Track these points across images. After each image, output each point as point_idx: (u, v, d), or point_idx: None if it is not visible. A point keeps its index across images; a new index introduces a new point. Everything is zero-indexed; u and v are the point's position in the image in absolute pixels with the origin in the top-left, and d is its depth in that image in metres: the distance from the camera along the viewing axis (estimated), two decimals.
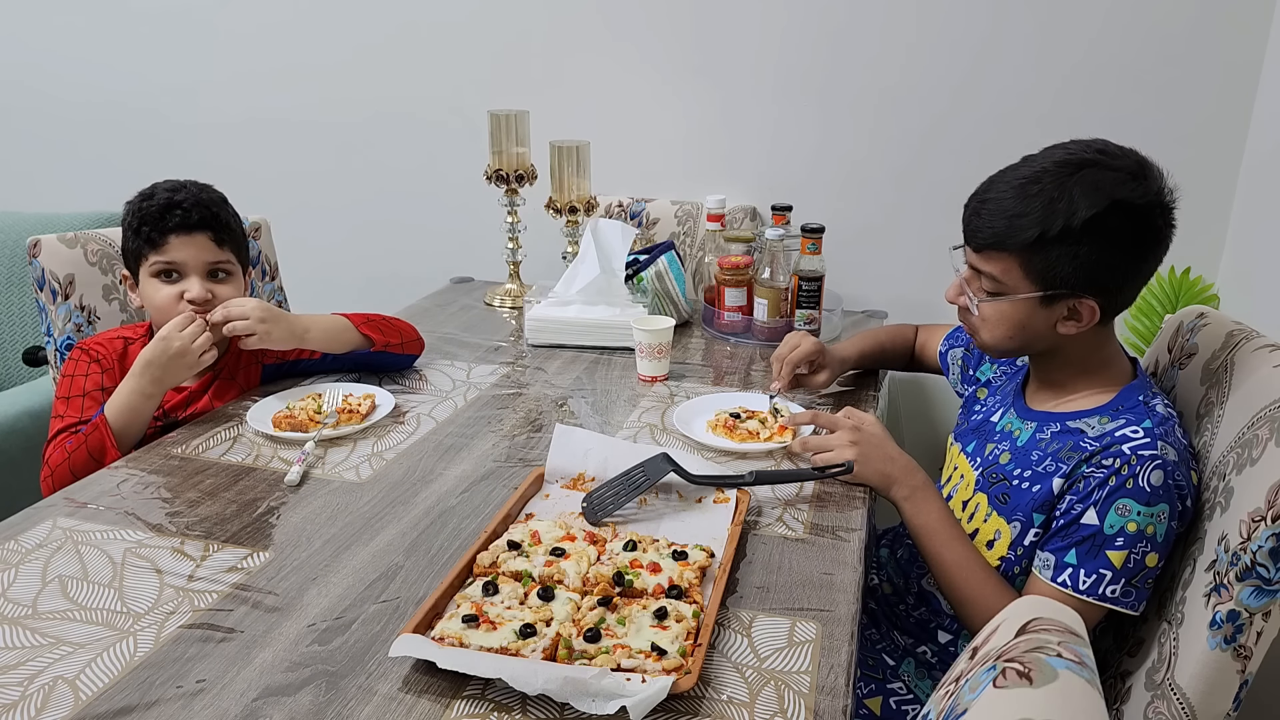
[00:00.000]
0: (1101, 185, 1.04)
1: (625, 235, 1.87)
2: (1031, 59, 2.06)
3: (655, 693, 0.80)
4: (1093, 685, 0.60)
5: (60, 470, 1.33)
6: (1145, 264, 1.10)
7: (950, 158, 2.14)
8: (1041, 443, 1.16)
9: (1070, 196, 1.04)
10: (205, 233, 1.42)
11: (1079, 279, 1.07)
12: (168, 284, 1.42)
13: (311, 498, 1.20)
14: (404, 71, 2.46)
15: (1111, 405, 1.12)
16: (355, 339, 1.54)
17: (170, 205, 1.40)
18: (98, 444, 1.33)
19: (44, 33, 2.68)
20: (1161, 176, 1.08)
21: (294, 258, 2.16)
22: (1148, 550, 1.03)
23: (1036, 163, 1.09)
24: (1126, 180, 1.05)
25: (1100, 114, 2.05)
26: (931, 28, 2.09)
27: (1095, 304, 1.09)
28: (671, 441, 1.37)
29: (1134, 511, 1.03)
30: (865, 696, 1.25)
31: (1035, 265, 1.08)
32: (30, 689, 0.84)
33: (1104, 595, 1.04)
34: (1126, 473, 1.03)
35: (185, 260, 1.42)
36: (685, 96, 2.29)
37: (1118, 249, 1.06)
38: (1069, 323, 1.11)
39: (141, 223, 1.40)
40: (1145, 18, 1.98)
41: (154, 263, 1.41)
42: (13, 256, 2.07)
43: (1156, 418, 1.08)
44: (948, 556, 1.15)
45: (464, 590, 0.97)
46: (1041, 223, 1.05)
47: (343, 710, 0.82)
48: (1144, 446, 1.04)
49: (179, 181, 1.45)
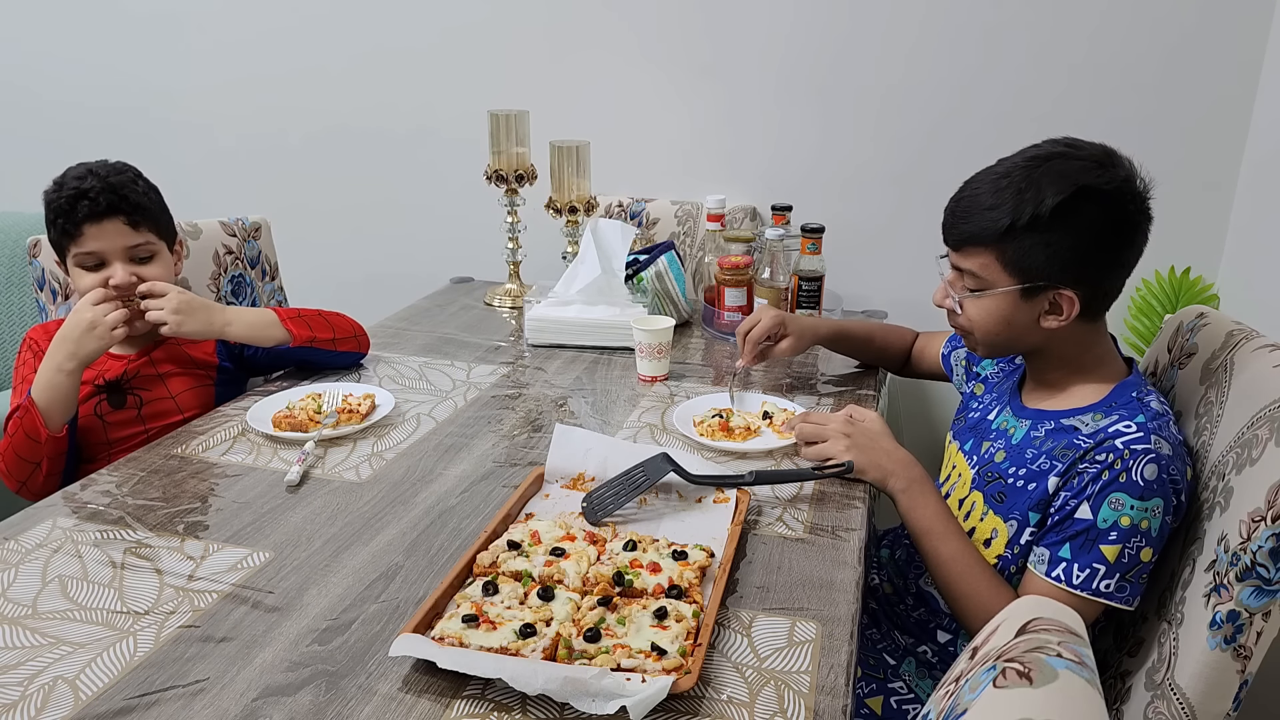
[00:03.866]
0: (1067, 173, 1.07)
1: (625, 235, 1.87)
2: (1032, 60, 2.06)
3: (655, 693, 0.80)
4: (1093, 685, 0.60)
5: (7, 455, 1.34)
6: (1121, 252, 1.11)
7: (951, 158, 2.13)
8: (1036, 441, 1.16)
9: (1038, 186, 1.07)
10: (117, 218, 1.40)
11: (1054, 268, 1.09)
12: (92, 272, 1.41)
13: (311, 498, 1.20)
14: (404, 71, 2.46)
15: (1105, 402, 1.13)
16: (279, 334, 1.53)
17: (78, 195, 1.37)
18: (31, 424, 1.33)
19: (44, 33, 2.68)
20: (1131, 166, 1.10)
21: (294, 258, 2.16)
22: (1142, 545, 1.03)
23: (1009, 161, 1.13)
24: (1092, 168, 1.07)
25: (1101, 114, 2.05)
26: (932, 28, 2.10)
27: (1074, 295, 1.10)
28: (671, 441, 1.37)
29: (1127, 505, 1.03)
30: (866, 696, 1.25)
31: (1010, 256, 1.11)
32: (30, 689, 0.84)
33: (1098, 590, 1.04)
34: (1120, 467, 1.04)
35: (103, 248, 1.40)
36: (686, 96, 2.29)
37: (1089, 235, 1.08)
38: (1051, 317, 1.13)
39: (55, 215, 1.39)
40: (1145, 18, 1.98)
41: (75, 254, 1.40)
42: (13, 256, 2.07)
43: (1150, 413, 1.08)
44: (944, 551, 1.15)
45: (464, 590, 0.97)
46: (1012, 213, 1.08)
47: (343, 710, 0.82)
48: (1137, 441, 1.04)
49: (88, 166, 1.43)
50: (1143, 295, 2.07)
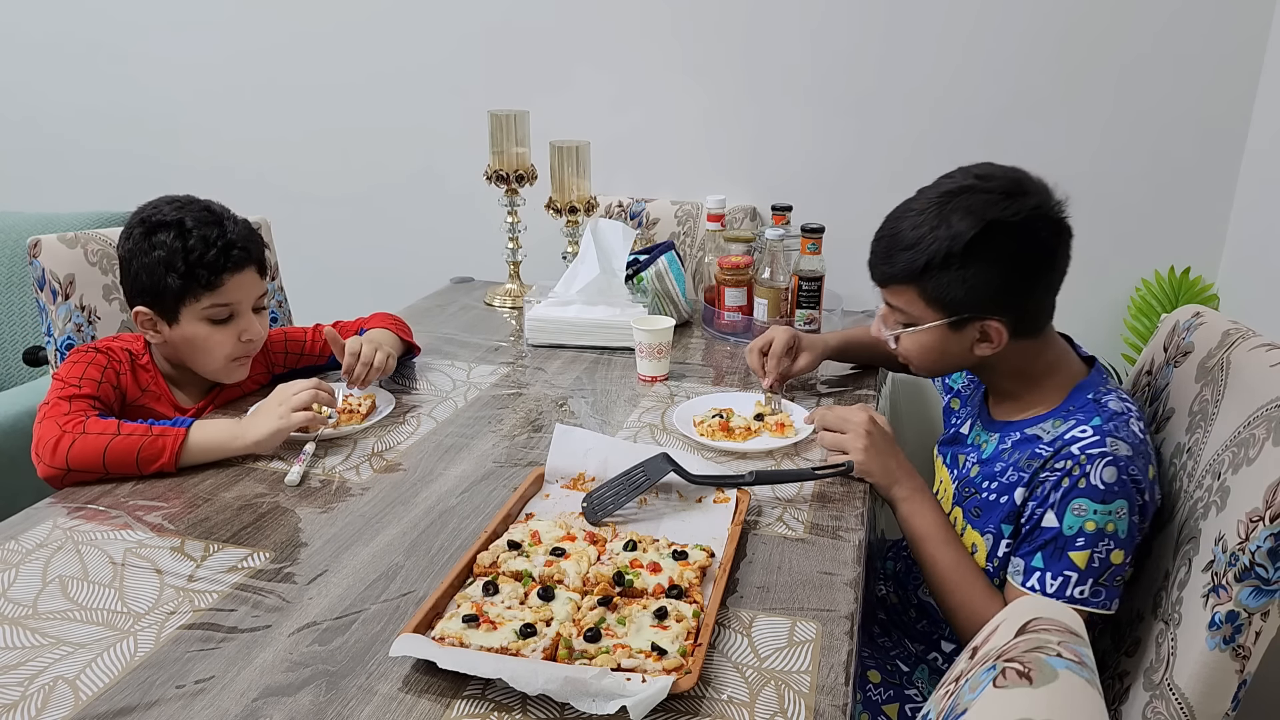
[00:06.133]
0: (975, 208, 1.08)
1: (625, 235, 1.87)
2: (1032, 60, 2.06)
3: (655, 693, 0.80)
4: (1093, 685, 0.60)
5: (88, 452, 1.20)
6: (1039, 278, 1.12)
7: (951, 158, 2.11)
8: (1004, 453, 1.17)
9: (949, 222, 1.09)
10: (254, 266, 1.38)
11: (975, 301, 1.11)
12: (221, 326, 1.36)
13: (311, 498, 1.20)
14: (405, 72, 2.46)
15: (1063, 407, 1.14)
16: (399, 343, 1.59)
17: (228, 245, 1.33)
18: (157, 450, 1.22)
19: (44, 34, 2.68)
20: (1043, 191, 1.10)
21: (294, 258, 2.16)
22: (1111, 548, 1.04)
23: (924, 195, 1.14)
24: (999, 200, 1.08)
25: (1100, 114, 2.05)
26: (932, 28, 2.10)
27: (1000, 324, 1.12)
28: (671, 441, 1.37)
29: (1090, 510, 1.04)
30: (884, 703, 1.26)
31: (931, 293, 1.13)
32: (30, 689, 0.84)
33: (1072, 597, 1.05)
34: (1078, 473, 1.05)
35: (240, 300, 1.37)
36: (685, 96, 2.29)
37: (1004, 267, 1.09)
38: (983, 344, 1.15)
39: (193, 264, 1.31)
40: (1145, 17, 1.98)
41: (210, 305, 1.34)
42: (13, 256, 2.07)
43: (1106, 414, 1.09)
44: (941, 560, 1.16)
45: (464, 590, 0.97)
46: (927, 252, 1.10)
47: (343, 710, 0.82)
48: (1093, 445, 1.05)
49: (205, 209, 1.36)
50: (1143, 295, 2.07)
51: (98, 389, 1.32)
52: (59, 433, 1.22)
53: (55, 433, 1.23)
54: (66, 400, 1.28)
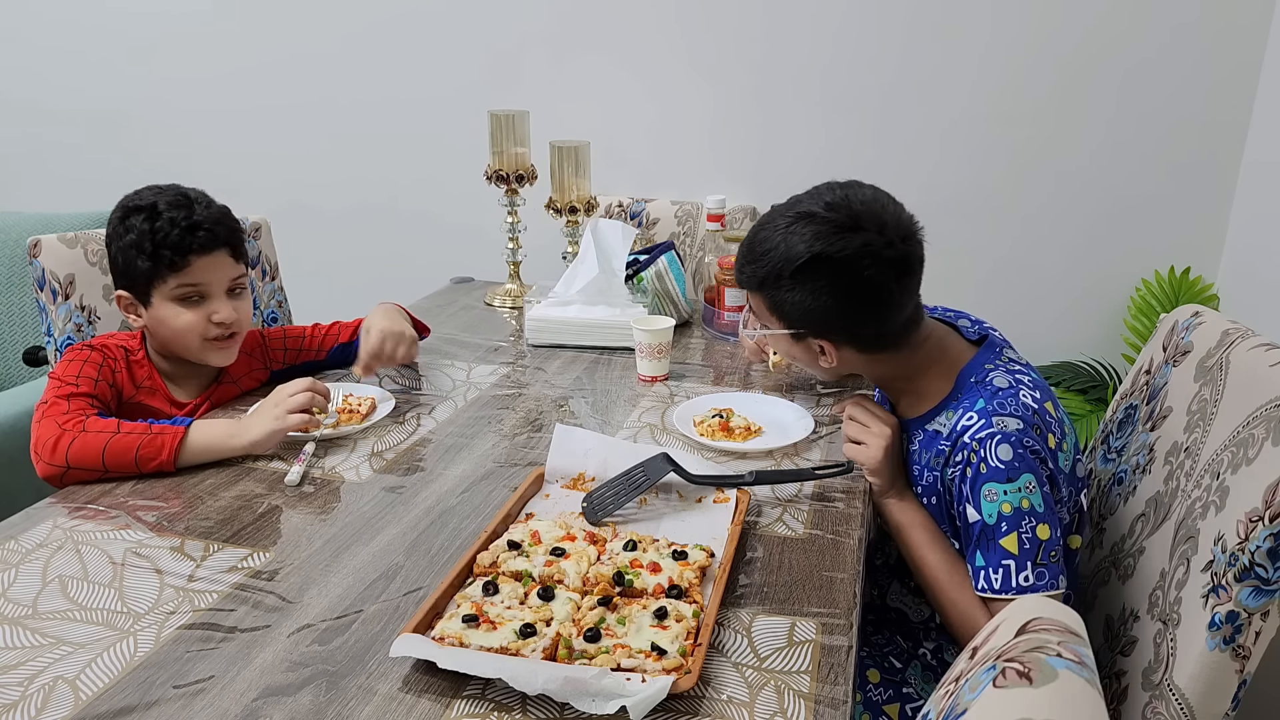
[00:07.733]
0: (807, 237, 1.11)
1: (625, 235, 1.87)
2: (1032, 60, 2.06)
3: (655, 693, 0.80)
4: (1093, 685, 0.60)
5: (88, 450, 1.21)
6: (867, 312, 1.13)
7: (950, 158, 2.14)
8: (915, 454, 1.19)
9: (788, 244, 1.12)
10: (225, 249, 1.37)
11: (805, 322, 1.15)
12: (191, 307, 1.35)
13: (311, 498, 1.20)
14: (405, 72, 2.46)
15: (951, 396, 1.16)
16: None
17: (192, 226, 1.32)
18: (156, 448, 1.22)
19: (44, 34, 2.68)
20: (879, 229, 1.10)
21: (294, 258, 2.16)
22: (1034, 524, 1.05)
23: (785, 209, 1.16)
24: (830, 234, 1.10)
25: (1100, 114, 2.05)
26: (932, 29, 2.10)
27: (830, 345, 1.16)
28: (671, 441, 1.37)
29: (1001, 492, 1.05)
30: (884, 703, 1.26)
31: (771, 304, 1.17)
32: (30, 689, 0.84)
33: (1019, 586, 1.05)
34: (976, 460, 1.07)
35: (210, 281, 1.36)
36: (685, 96, 2.29)
37: (825, 297, 1.12)
38: (824, 357, 1.19)
39: (158, 245, 1.31)
40: (1145, 18, 1.98)
41: (176, 287, 1.34)
42: (13, 256, 2.07)
43: (990, 392, 1.10)
44: (931, 560, 1.17)
45: (464, 590, 0.97)
46: (766, 268, 1.14)
47: (343, 710, 0.82)
48: (981, 429, 1.07)
49: (181, 194, 1.36)
50: (1143, 295, 2.07)
51: (95, 387, 1.32)
52: (58, 431, 1.23)
53: (54, 431, 1.23)
54: (65, 399, 1.28)
